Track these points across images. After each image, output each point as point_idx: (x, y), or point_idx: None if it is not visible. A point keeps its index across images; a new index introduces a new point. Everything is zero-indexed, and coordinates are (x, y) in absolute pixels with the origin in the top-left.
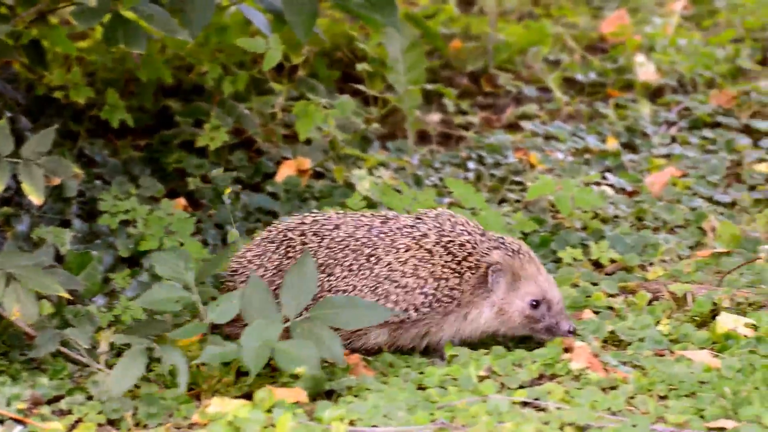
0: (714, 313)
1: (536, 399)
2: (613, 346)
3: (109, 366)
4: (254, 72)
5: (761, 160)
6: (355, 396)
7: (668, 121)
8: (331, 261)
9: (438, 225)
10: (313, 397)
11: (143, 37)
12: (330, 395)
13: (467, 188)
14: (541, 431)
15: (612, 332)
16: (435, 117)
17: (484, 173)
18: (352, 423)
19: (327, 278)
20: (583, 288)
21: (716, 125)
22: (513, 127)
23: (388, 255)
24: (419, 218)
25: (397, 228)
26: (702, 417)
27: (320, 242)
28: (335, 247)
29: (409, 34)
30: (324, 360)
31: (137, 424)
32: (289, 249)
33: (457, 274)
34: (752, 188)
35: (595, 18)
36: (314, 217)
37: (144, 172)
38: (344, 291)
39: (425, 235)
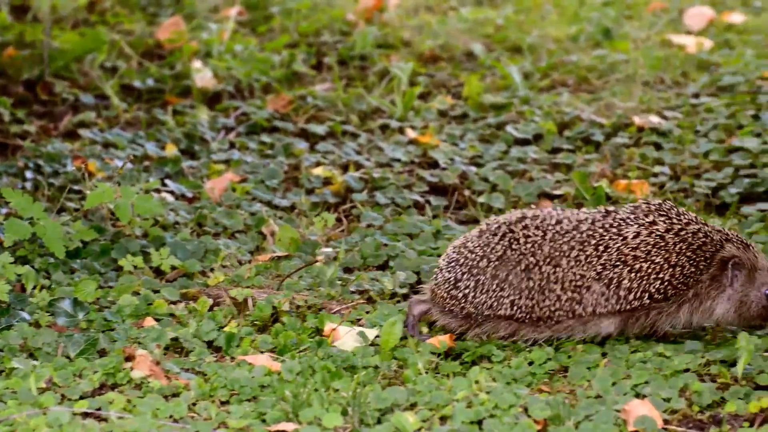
0: (275, 317)
1: (98, 409)
2: (175, 353)
3: None
4: None
5: (318, 164)
6: None
7: (226, 126)
8: (557, 253)
9: (664, 212)
10: None
11: None
12: None
13: (25, 198)
14: None
15: (175, 339)
16: None
17: (42, 183)
18: None
19: (553, 270)
20: (144, 296)
21: (274, 130)
22: (71, 135)
23: (616, 243)
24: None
25: (621, 219)
26: (264, 421)
27: (543, 236)
28: (560, 240)
29: None
30: None
31: None
32: (512, 241)
33: (692, 263)
34: (310, 192)
35: (150, 24)
36: (534, 212)
37: None
38: (571, 281)
39: (654, 223)
